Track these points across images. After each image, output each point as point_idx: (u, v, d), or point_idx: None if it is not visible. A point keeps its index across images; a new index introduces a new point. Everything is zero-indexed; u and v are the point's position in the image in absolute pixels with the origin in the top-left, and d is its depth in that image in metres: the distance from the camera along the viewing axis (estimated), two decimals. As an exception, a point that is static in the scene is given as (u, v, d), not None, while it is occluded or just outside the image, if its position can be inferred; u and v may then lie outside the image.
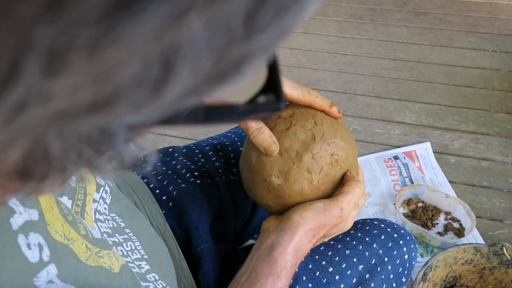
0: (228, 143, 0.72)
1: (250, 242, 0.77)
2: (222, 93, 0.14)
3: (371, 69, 1.68)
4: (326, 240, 0.54)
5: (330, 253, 0.55)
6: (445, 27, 1.94)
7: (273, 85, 0.17)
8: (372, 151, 1.32)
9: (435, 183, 1.21)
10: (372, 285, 0.54)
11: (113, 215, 0.49)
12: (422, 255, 1.04)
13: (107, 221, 0.47)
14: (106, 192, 0.50)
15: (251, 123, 0.50)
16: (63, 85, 0.11)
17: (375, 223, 0.60)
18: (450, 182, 1.22)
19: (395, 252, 0.57)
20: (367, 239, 0.57)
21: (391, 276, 0.57)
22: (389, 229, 0.59)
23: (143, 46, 0.11)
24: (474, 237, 1.08)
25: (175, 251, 0.59)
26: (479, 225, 1.09)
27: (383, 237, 0.58)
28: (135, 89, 0.12)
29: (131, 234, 0.49)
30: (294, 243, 0.48)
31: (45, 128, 0.12)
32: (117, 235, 0.47)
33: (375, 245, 0.56)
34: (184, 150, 0.71)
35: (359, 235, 0.58)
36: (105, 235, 0.44)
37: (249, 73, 0.14)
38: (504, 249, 0.85)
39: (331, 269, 0.53)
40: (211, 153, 0.70)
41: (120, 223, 0.49)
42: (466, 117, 1.44)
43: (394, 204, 1.14)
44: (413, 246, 0.60)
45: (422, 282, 0.81)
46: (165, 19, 0.11)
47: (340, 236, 0.56)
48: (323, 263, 0.54)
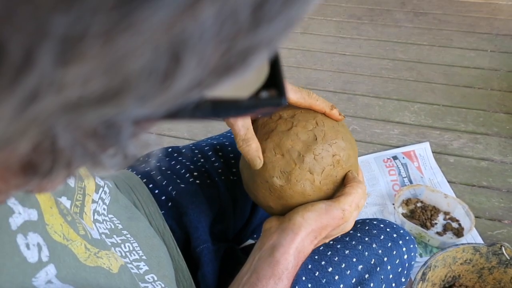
0: (227, 143, 0.72)
1: (249, 242, 0.77)
2: (227, 87, 0.14)
3: (370, 69, 1.68)
4: (327, 241, 0.53)
5: (329, 253, 0.55)
6: (444, 28, 1.94)
7: (275, 81, 0.17)
8: (371, 151, 1.32)
9: (434, 183, 1.21)
10: (371, 285, 0.54)
11: (111, 216, 0.49)
12: (421, 255, 1.04)
13: (105, 222, 0.47)
14: (105, 192, 0.50)
15: (239, 130, 0.49)
16: (75, 74, 0.11)
17: (375, 223, 0.60)
18: (449, 182, 1.22)
19: (395, 252, 0.57)
20: (366, 239, 0.57)
21: (391, 276, 0.57)
22: (388, 229, 0.59)
23: (155, 34, 0.11)
24: (473, 237, 1.08)
25: (174, 251, 0.59)
26: (478, 225, 1.09)
27: (382, 237, 0.58)
28: (145, 80, 0.12)
29: (128, 235, 0.49)
30: (296, 244, 0.48)
31: (55, 119, 0.12)
32: (115, 236, 0.47)
33: (374, 245, 0.56)
34: (183, 150, 0.70)
35: (359, 235, 0.58)
36: (103, 236, 0.44)
37: (254, 65, 0.14)
38: (503, 248, 0.85)
39: (330, 269, 0.53)
40: (211, 153, 0.70)
41: (117, 224, 0.49)
42: (465, 117, 1.44)
43: (393, 204, 1.14)
44: (412, 246, 0.60)
45: (421, 282, 0.81)
46: (179, 7, 0.11)
47: (339, 236, 0.56)
48: (323, 263, 0.54)
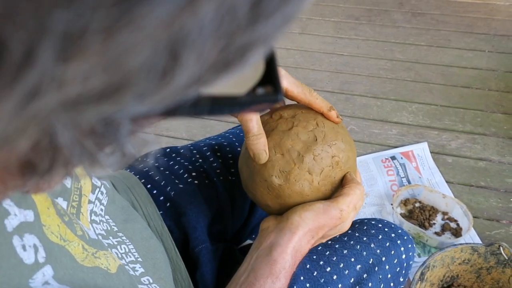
0: (226, 144, 0.72)
1: (248, 242, 0.77)
2: (224, 83, 0.14)
3: (368, 70, 1.69)
4: (324, 241, 0.54)
5: (328, 253, 0.55)
6: (442, 28, 1.94)
7: (271, 77, 0.17)
8: (369, 151, 1.32)
9: (432, 183, 1.21)
10: (369, 284, 0.54)
11: (107, 217, 0.49)
12: (419, 255, 1.04)
13: (102, 223, 0.47)
14: (102, 193, 0.50)
15: (253, 127, 0.49)
16: (75, 71, 0.11)
17: (373, 223, 0.60)
18: (447, 182, 1.22)
19: (393, 251, 0.57)
20: (364, 238, 0.57)
21: (389, 275, 0.57)
22: (386, 229, 0.59)
23: (155, 30, 0.11)
24: (471, 237, 1.08)
25: (173, 251, 0.59)
26: (476, 225, 1.10)
27: (380, 236, 0.58)
28: (144, 76, 0.12)
29: (124, 237, 0.49)
30: (293, 244, 0.48)
31: (55, 117, 0.12)
32: (111, 237, 0.47)
33: (372, 245, 0.56)
34: (181, 150, 0.70)
35: (357, 235, 0.58)
36: (100, 237, 0.44)
37: (252, 61, 0.14)
38: (501, 248, 0.85)
39: (328, 269, 0.53)
40: (209, 153, 0.70)
41: (113, 226, 0.49)
42: (463, 117, 1.45)
43: (391, 204, 1.14)
44: (410, 245, 0.60)
45: (419, 282, 0.81)
46: (179, 3, 0.11)
47: (337, 236, 0.56)
48: (321, 263, 0.54)
